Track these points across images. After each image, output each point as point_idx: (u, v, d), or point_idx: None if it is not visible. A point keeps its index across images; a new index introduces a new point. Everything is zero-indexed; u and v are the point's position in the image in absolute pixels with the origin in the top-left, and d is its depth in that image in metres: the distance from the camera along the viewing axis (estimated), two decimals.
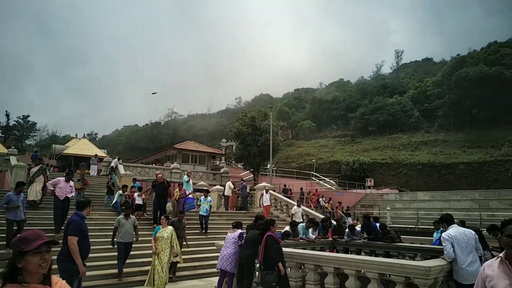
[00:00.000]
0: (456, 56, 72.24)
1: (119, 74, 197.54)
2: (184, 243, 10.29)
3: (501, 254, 2.70)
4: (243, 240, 7.92)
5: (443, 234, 6.14)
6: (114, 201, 15.11)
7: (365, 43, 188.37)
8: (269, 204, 18.32)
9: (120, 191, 15.33)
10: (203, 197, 15.00)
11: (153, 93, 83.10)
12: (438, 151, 46.62)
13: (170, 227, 8.98)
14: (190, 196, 15.40)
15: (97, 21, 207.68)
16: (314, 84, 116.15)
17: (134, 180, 18.66)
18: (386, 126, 58.66)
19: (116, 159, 28.75)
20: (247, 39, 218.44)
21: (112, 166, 27.09)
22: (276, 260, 6.63)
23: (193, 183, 19.30)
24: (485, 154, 41.23)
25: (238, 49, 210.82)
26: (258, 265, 7.70)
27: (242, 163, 37.27)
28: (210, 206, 14.78)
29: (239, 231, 8.23)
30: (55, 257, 5.00)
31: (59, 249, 5.64)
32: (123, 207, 14.37)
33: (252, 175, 34.07)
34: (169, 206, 14.00)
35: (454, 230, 5.97)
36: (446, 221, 6.53)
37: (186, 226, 11.21)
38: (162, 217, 9.40)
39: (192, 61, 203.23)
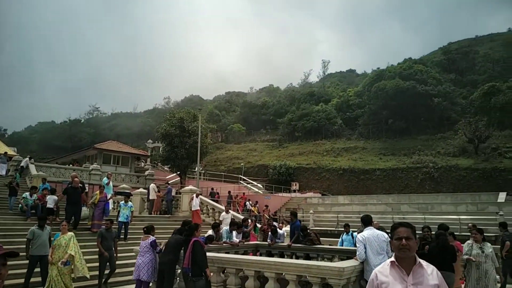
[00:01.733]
0: (376, 69, 78.01)
1: (35, 64, 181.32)
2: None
3: (392, 258, 2.68)
4: (164, 246, 7.64)
5: (358, 236, 6.45)
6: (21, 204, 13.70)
7: (294, 51, 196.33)
8: (198, 208, 17.95)
9: (27, 193, 13.89)
10: (123, 202, 14.00)
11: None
12: (358, 157, 49.64)
13: (70, 233, 8.34)
14: (110, 201, 14.52)
15: (9, 4, 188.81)
16: (245, 88, 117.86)
17: (44, 180, 16.94)
18: (311, 132, 61.11)
19: (27, 158, 26.20)
20: (178, 38, 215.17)
21: (22, 166, 24.67)
22: (205, 265, 6.53)
23: (115, 186, 18.27)
24: (398, 162, 44.82)
25: (169, 48, 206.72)
26: (179, 271, 7.46)
27: (168, 166, 36.28)
28: (132, 212, 14.02)
29: (151, 238, 7.93)
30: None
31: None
32: (33, 211, 13.14)
33: (179, 178, 33.33)
34: (85, 210, 13.03)
35: (368, 232, 6.26)
36: (364, 222, 6.78)
37: None
38: (63, 222, 8.72)
39: (119, 55, 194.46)
